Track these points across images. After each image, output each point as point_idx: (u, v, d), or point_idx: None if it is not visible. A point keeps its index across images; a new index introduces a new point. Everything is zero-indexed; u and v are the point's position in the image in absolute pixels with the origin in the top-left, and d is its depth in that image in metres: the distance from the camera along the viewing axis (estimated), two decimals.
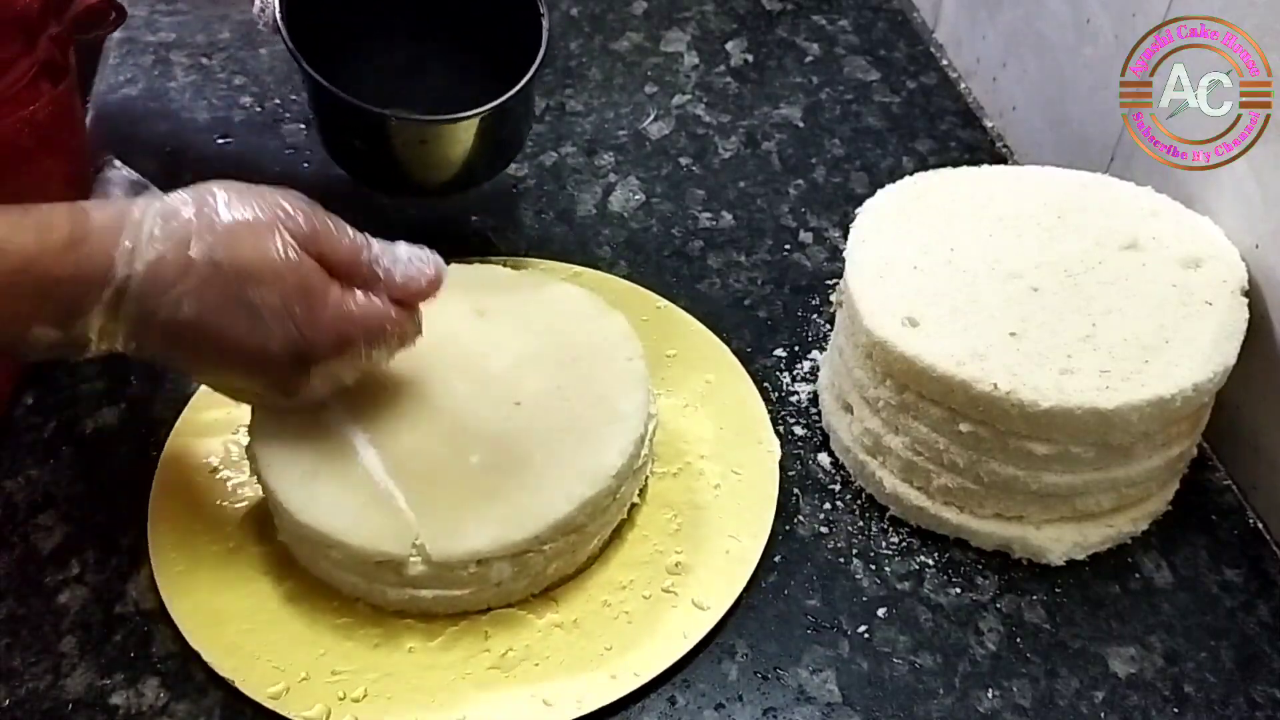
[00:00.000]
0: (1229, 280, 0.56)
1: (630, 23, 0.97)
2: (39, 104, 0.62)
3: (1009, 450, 0.53)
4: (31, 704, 0.50)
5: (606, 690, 0.50)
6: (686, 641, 0.52)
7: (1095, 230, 0.59)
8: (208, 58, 0.91)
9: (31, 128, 0.62)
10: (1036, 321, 0.54)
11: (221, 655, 0.51)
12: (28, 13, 0.61)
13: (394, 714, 0.49)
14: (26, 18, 0.61)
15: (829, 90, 0.89)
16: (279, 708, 0.49)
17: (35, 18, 0.62)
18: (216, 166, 0.80)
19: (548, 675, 0.50)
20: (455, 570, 0.50)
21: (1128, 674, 0.52)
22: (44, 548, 0.56)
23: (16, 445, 0.60)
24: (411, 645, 0.51)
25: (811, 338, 0.68)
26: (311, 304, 0.47)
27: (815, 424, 0.63)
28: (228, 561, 0.55)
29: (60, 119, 0.65)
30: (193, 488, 0.57)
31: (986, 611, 0.55)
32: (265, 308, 0.47)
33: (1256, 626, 0.54)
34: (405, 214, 0.77)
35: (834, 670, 0.52)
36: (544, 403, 0.55)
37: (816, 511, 0.59)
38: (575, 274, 0.70)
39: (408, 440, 0.53)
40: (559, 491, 0.51)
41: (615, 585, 0.54)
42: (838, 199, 0.79)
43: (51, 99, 0.63)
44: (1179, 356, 0.52)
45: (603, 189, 0.79)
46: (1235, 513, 0.59)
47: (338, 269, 0.49)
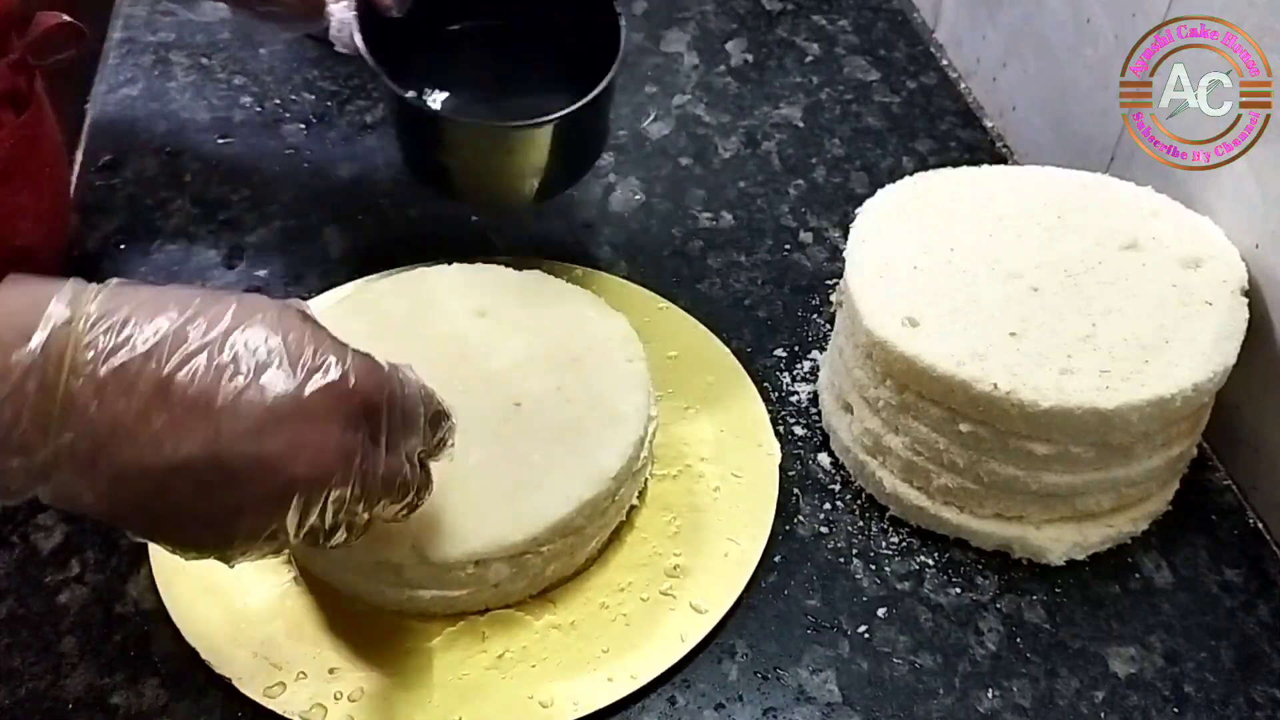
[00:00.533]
0: (1229, 280, 0.56)
1: (630, 23, 0.97)
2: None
3: (1009, 450, 0.53)
4: (31, 704, 0.50)
5: (603, 692, 0.50)
6: (684, 644, 0.52)
7: (1095, 230, 0.59)
8: (208, 58, 0.91)
9: None
10: (1036, 321, 0.54)
11: (218, 653, 0.51)
12: None
13: (389, 713, 0.49)
14: None
15: (829, 90, 0.89)
16: (275, 706, 0.49)
17: None
18: (217, 167, 0.80)
19: (544, 677, 0.50)
20: (453, 571, 0.50)
21: (1128, 674, 0.52)
22: (44, 548, 0.56)
23: None
24: (410, 645, 0.51)
25: (811, 338, 0.68)
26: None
27: (815, 424, 0.63)
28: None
29: (24, 150, 0.61)
30: None
31: (986, 611, 0.55)
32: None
33: (1256, 626, 0.54)
34: (406, 215, 0.77)
35: (834, 670, 0.52)
36: (544, 404, 0.55)
37: (816, 511, 0.59)
38: (577, 275, 0.70)
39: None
40: (557, 493, 0.51)
41: (613, 587, 0.54)
42: (838, 199, 0.79)
43: (13, 130, 0.60)
44: (1179, 356, 0.52)
45: (603, 189, 0.79)
46: (1235, 513, 0.59)
47: None
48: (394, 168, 0.81)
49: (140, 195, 0.78)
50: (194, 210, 0.77)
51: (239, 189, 0.78)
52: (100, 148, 0.82)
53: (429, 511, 0.50)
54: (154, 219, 0.76)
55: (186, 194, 0.78)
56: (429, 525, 0.50)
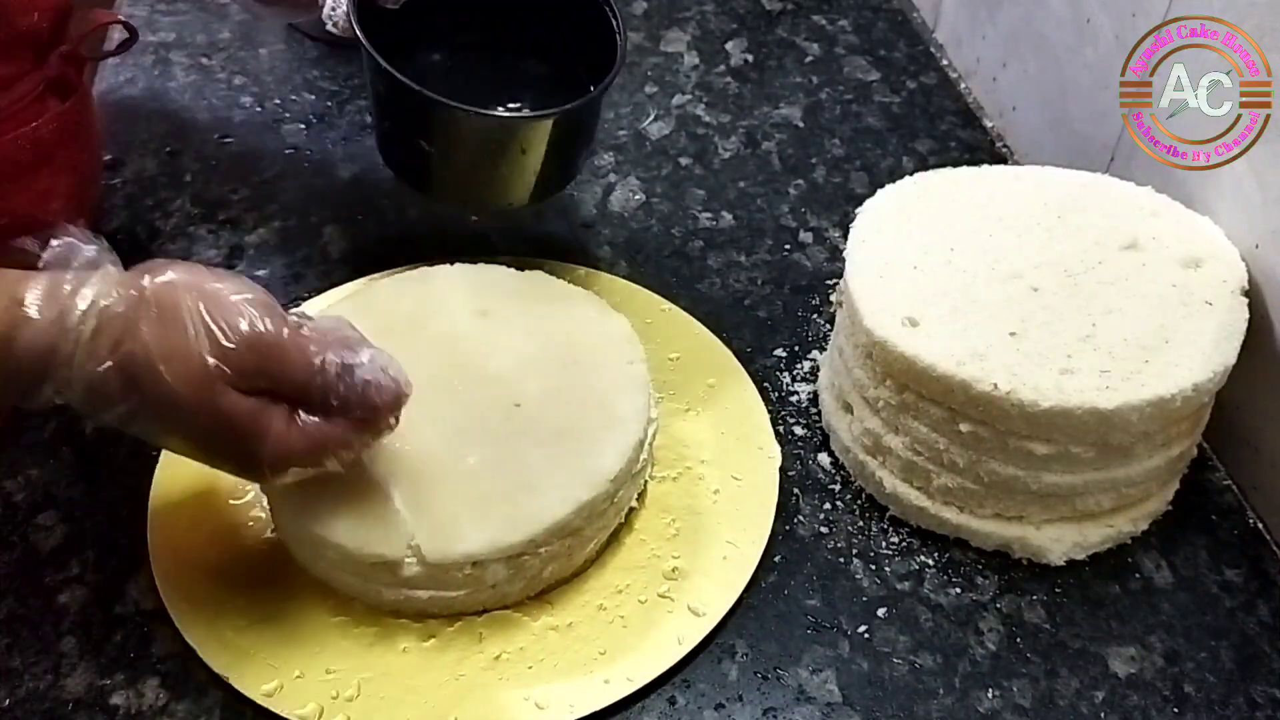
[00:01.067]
0: (1229, 280, 0.56)
1: (630, 23, 0.96)
2: (42, 120, 0.62)
3: (1009, 450, 0.53)
4: (31, 704, 0.50)
5: (599, 695, 0.50)
6: (681, 647, 0.51)
7: (1095, 230, 0.59)
8: (208, 58, 0.91)
9: (33, 144, 0.62)
10: (1036, 321, 0.54)
11: (217, 651, 0.51)
12: (36, 30, 0.60)
13: (386, 713, 0.49)
14: (35, 35, 0.61)
15: (829, 90, 0.89)
16: (272, 705, 0.49)
17: (45, 35, 0.61)
18: (216, 167, 0.80)
19: (541, 678, 0.50)
20: (450, 572, 0.50)
21: (1128, 674, 0.52)
22: (44, 548, 0.56)
23: (16, 445, 0.60)
24: (406, 645, 0.51)
25: (811, 338, 0.68)
26: (244, 443, 0.45)
27: (815, 424, 0.63)
28: (226, 559, 0.55)
29: (65, 136, 0.64)
30: (193, 487, 0.57)
31: (986, 611, 0.55)
32: (199, 446, 0.46)
33: (1256, 626, 0.54)
34: (406, 215, 0.77)
35: (834, 670, 0.52)
36: (543, 405, 0.55)
37: (816, 511, 0.59)
38: (579, 275, 0.70)
39: (405, 440, 0.53)
40: (555, 494, 0.51)
41: (611, 589, 0.54)
42: (838, 199, 0.79)
43: (57, 115, 0.63)
44: (1179, 356, 0.52)
45: (603, 189, 0.79)
46: (1235, 513, 0.59)
47: (288, 392, 0.46)
48: None
49: (140, 195, 0.78)
50: (194, 210, 0.77)
51: (239, 189, 0.78)
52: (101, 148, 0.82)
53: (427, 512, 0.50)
54: (154, 219, 0.76)
55: (186, 194, 0.78)
56: (427, 525, 0.50)
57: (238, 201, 0.77)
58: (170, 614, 0.52)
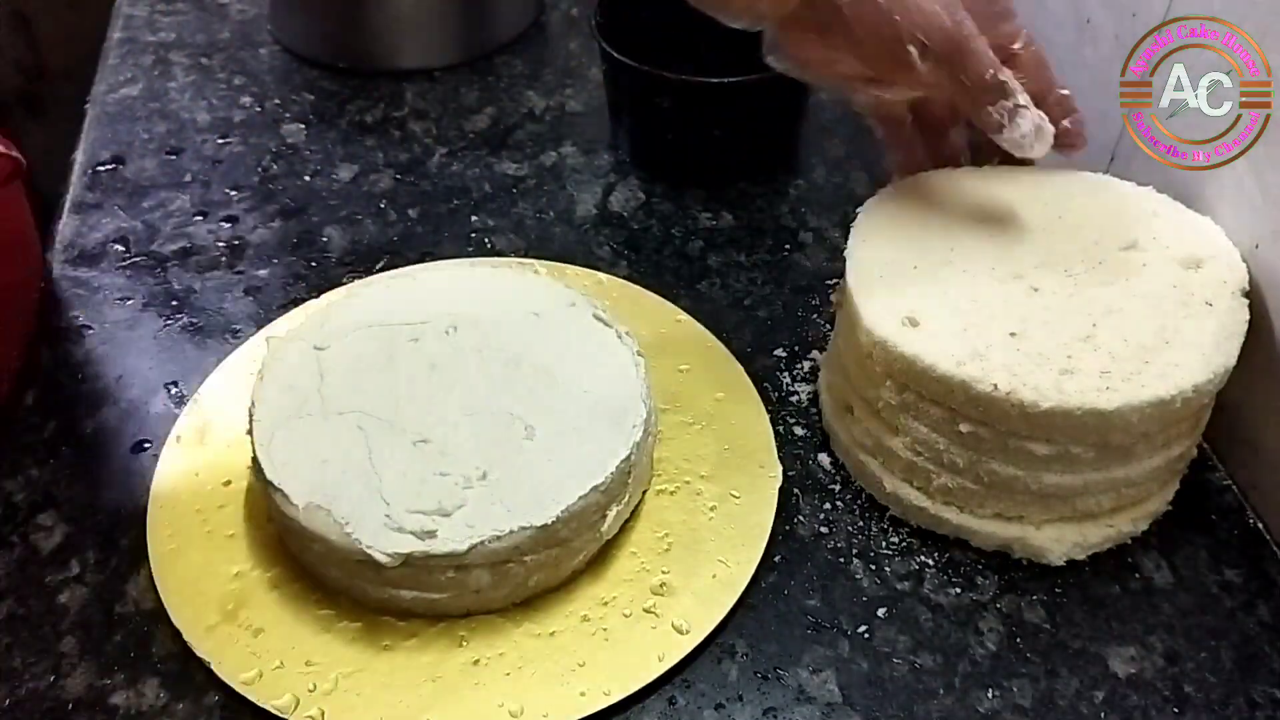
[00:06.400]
0: (1229, 280, 0.56)
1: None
2: None
3: (1009, 450, 0.53)
4: (31, 704, 0.50)
5: (574, 706, 0.49)
6: (661, 665, 0.51)
7: (1095, 230, 0.59)
8: (208, 58, 0.91)
9: None
10: (1036, 321, 0.54)
11: (200, 636, 0.51)
12: None
13: (359, 710, 0.49)
14: None
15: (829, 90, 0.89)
16: (250, 694, 0.49)
17: None
18: (216, 167, 0.80)
19: (517, 686, 0.50)
20: (433, 574, 0.50)
21: (1128, 674, 0.52)
22: (44, 548, 0.56)
23: (16, 445, 0.60)
24: (388, 643, 0.51)
25: (811, 338, 0.68)
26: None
27: (815, 424, 0.63)
28: (221, 546, 0.55)
29: None
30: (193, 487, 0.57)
31: (986, 611, 0.55)
32: None
33: (1256, 626, 0.54)
34: (406, 215, 0.77)
35: (834, 670, 0.52)
36: (537, 410, 0.55)
37: (816, 511, 0.59)
38: (580, 275, 0.70)
39: (395, 441, 0.53)
40: (540, 501, 0.51)
41: (597, 600, 0.53)
42: (838, 199, 0.79)
43: None
44: (1179, 357, 0.52)
45: (603, 189, 0.79)
46: (1235, 513, 0.59)
47: None
48: (394, 167, 0.81)
49: (140, 195, 0.78)
50: (194, 210, 0.77)
51: (239, 189, 0.79)
52: (100, 148, 0.82)
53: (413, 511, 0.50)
54: (154, 219, 0.76)
55: (186, 194, 0.78)
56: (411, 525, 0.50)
57: (238, 201, 0.78)
58: (171, 615, 0.52)
